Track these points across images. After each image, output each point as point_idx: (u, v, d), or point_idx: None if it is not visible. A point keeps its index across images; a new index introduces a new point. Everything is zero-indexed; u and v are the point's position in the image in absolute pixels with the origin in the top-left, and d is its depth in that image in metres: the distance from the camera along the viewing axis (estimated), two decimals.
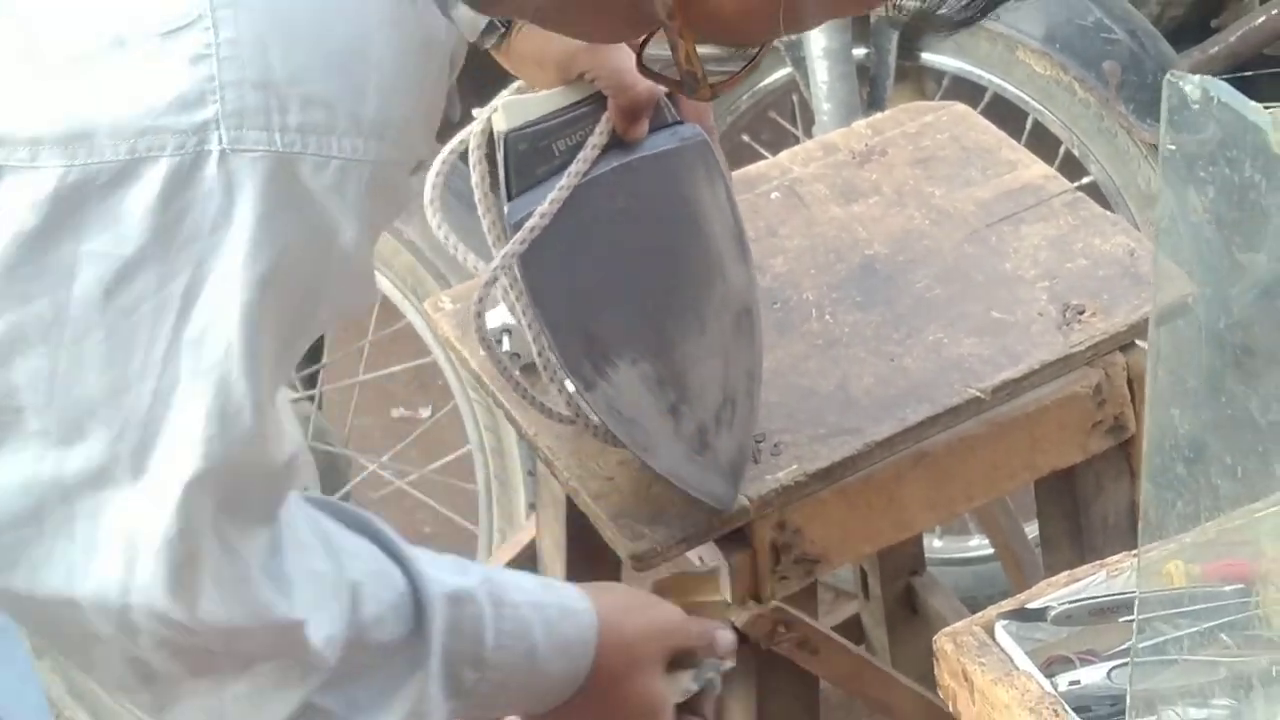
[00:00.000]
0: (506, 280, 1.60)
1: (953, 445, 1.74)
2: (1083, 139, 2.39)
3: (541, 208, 1.53)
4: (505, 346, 1.72)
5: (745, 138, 2.78)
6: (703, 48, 1.24)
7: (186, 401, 1.14)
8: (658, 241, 1.60)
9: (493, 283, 1.59)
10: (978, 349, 1.76)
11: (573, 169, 1.53)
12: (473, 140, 1.58)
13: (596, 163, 1.55)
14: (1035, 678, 1.35)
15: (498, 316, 1.74)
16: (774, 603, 1.73)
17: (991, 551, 2.50)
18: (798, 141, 2.37)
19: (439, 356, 2.36)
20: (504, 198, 1.54)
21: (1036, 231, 1.88)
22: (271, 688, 1.26)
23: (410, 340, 2.49)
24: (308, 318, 1.20)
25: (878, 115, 2.07)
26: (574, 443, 1.72)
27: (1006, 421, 1.76)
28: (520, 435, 1.80)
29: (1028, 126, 2.42)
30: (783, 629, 1.75)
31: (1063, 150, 2.42)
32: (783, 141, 2.70)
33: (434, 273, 2.26)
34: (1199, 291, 1.07)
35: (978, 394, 1.73)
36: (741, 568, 1.70)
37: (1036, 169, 1.95)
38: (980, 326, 1.78)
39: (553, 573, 1.93)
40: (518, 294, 1.61)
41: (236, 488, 1.19)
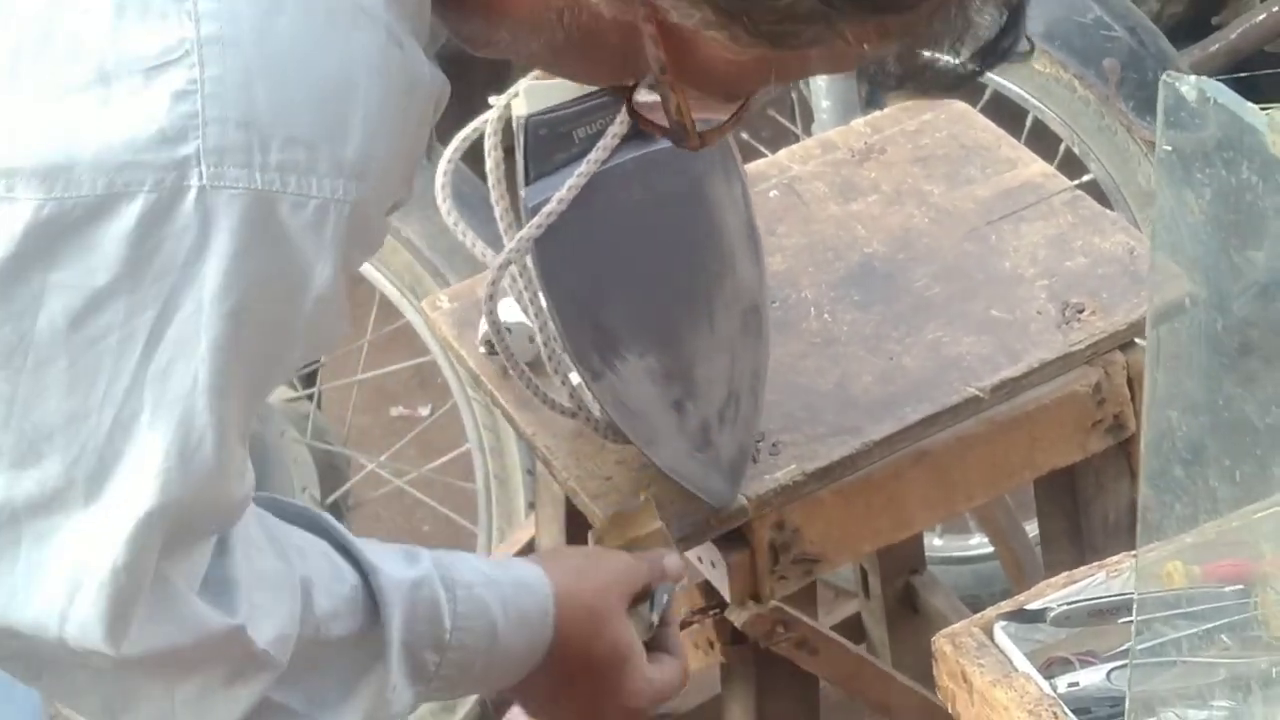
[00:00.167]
0: (516, 269, 1.60)
1: (952, 444, 1.74)
2: (1082, 137, 2.38)
3: (559, 193, 1.53)
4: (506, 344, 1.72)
5: (745, 135, 2.78)
6: None
7: (148, 433, 1.14)
8: (672, 234, 1.60)
9: (507, 265, 1.59)
10: (977, 348, 1.76)
11: (592, 156, 1.53)
12: (489, 127, 1.57)
13: (615, 152, 1.54)
14: (1034, 679, 1.35)
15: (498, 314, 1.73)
16: (773, 603, 1.73)
17: (991, 550, 2.50)
18: (797, 139, 2.36)
19: (437, 355, 2.36)
20: (521, 182, 1.54)
21: (1036, 230, 1.87)
22: (220, 687, 1.26)
23: (409, 339, 2.48)
24: (277, 355, 1.20)
25: (877, 113, 2.07)
26: (572, 442, 1.71)
27: (1006, 420, 1.75)
28: (518, 434, 1.80)
29: (1027, 124, 2.41)
30: (782, 629, 1.75)
31: (1062, 148, 2.42)
32: (782, 139, 2.70)
33: (432, 271, 2.26)
34: (1196, 293, 1.07)
35: (977, 393, 1.72)
36: (740, 567, 1.70)
37: (1036, 167, 1.95)
38: (979, 325, 1.78)
39: None
40: (526, 282, 1.61)
41: (188, 522, 1.19)
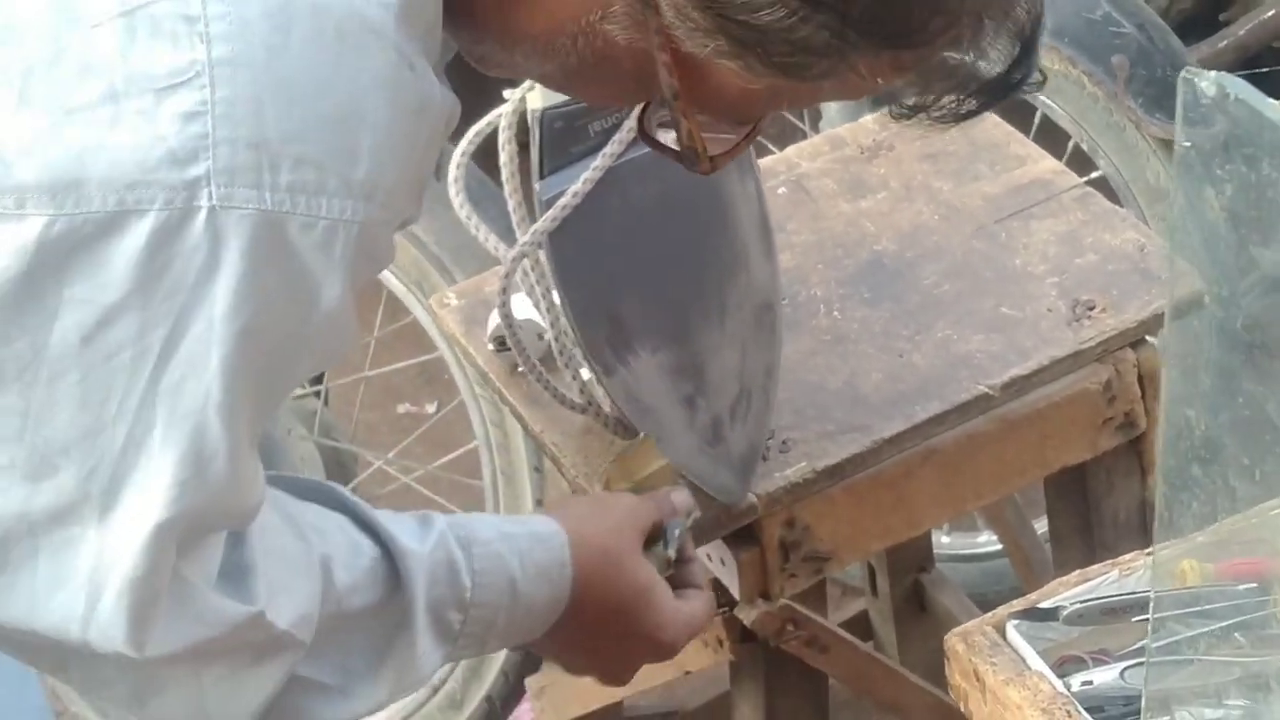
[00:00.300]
0: (528, 263, 1.59)
1: (962, 442, 1.74)
2: (1091, 133, 2.37)
3: (575, 186, 1.52)
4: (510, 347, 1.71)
5: None
6: None
7: (161, 448, 1.15)
8: (686, 230, 1.60)
9: (521, 258, 1.58)
10: (987, 345, 1.76)
11: (608, 150, 1.53)
12: (503, 120, 1.57)
13: (631, 146, 1.54)
14: (1048, 678, 1.34)
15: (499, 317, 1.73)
16: (782, 601, 1.72)
17: (1000, 548, 2.49)
18: (805, 136, 2.36)
19: (445, 352, 2.35)
20: (535, 175, 1.54)
21: (1046, 227, 1.87)
22: (246, 669, 1.26)
23: (416, 336, 2.48)
24: (287, 371, 1.21)
25: (885, 110, 2.06)
26: (581, 439, 1.71)
27: (1016, 418, 1.75)
28: (526, 431, 1.80)
29: (1036, 121, 2.40)
30: (791, 627, 1.75)
31: (1071, 145, 2.41)
32: (790, 136, 2.69)
33: (439, 267, 2.25)
34: (1214, 291, 1.06)
35: (987, 390, 1.72)
36: (750, 565, 1.70)
37: (1046, 164, 1.94)
38: (989, 323, 1.78)
39: None
40: (538, 276, 1.60)
41: (200, 530, 1.20)
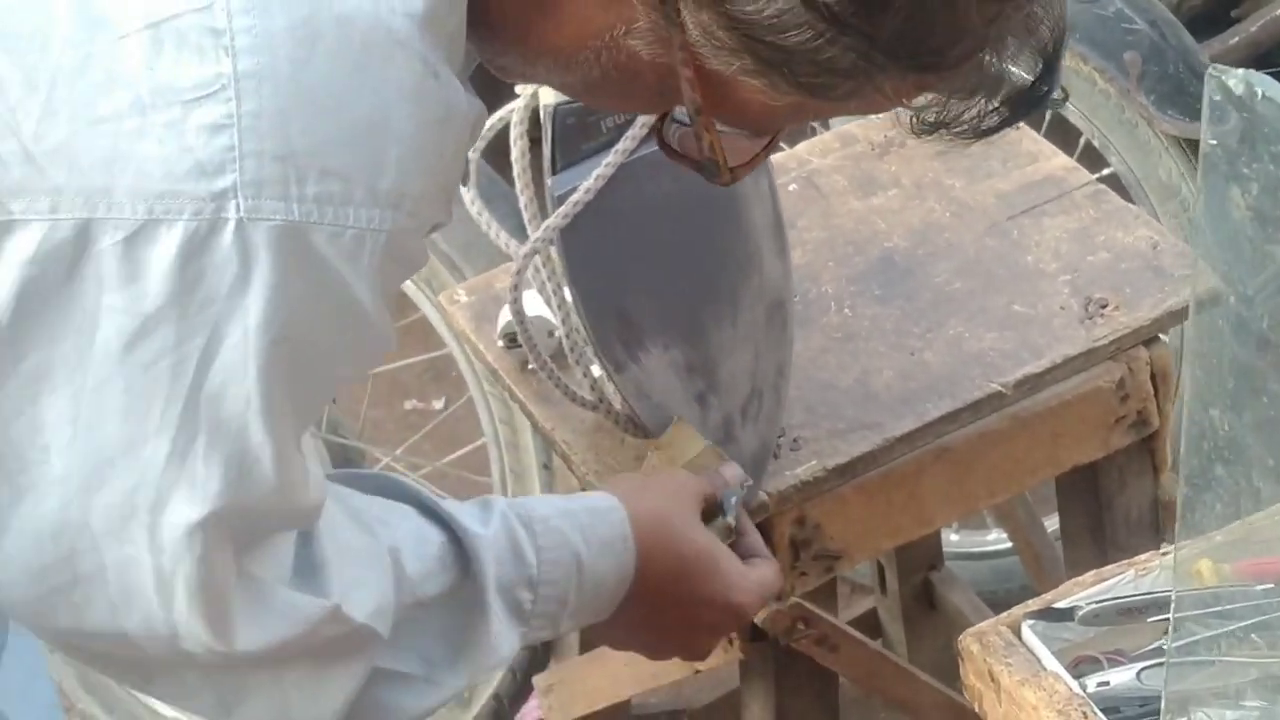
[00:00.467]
0: (539, 259, 1.59)
1: (974, 440, 1.73)
2: (1103, 130, 2.37)
3: (587, 182, 1.52)
4: (521, 343, 1.71)
5: None
6: None
7: (205, 453, 1.16)
8: (698, 227, 1.59)
9: (533, 254, 1.58)
10: (999, 343, 1.75)
11: (620, 146, 1.53)
12: (515, 116, 1.56)
13: (643, 142, 1.54)
14: (1063, 678, 1.34)
15: (509, 314, 1.72)
16: (793, 599, 1.72)
17: (1009, 546, 2.49)
18: (814, 133, 2.35)
19: (453, 349, 2.35)
20: (547, 171, 1.53)
21: (1058, 224, 1.86)
22: (327, 666, 1.27)
23: (423, 332, 2.47)
24: (324, 376, 1.22)
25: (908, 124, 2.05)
26: (591, 436, 1.70)
27: (1028, 416, 1.74)
28: (536, 429, 1.79)
29: (1047, 117, 2.40)
30: (802, 626, 1.74)
31: (1082, 141, 2.41)
32: (799, 133, 2.68)
33: (448, 265, 2.25)
34: (1237, 289, 1.05)
35: (999, 388, 1.71)
36: None
37: (1058, 161, 1.94)
38: (1001, 320, 1.77)
39: None
40: (549, 273, 1.60)
41: (258, 531, 1.21)
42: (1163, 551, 1.40)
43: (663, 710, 2.24)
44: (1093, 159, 2.31)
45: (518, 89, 1.55)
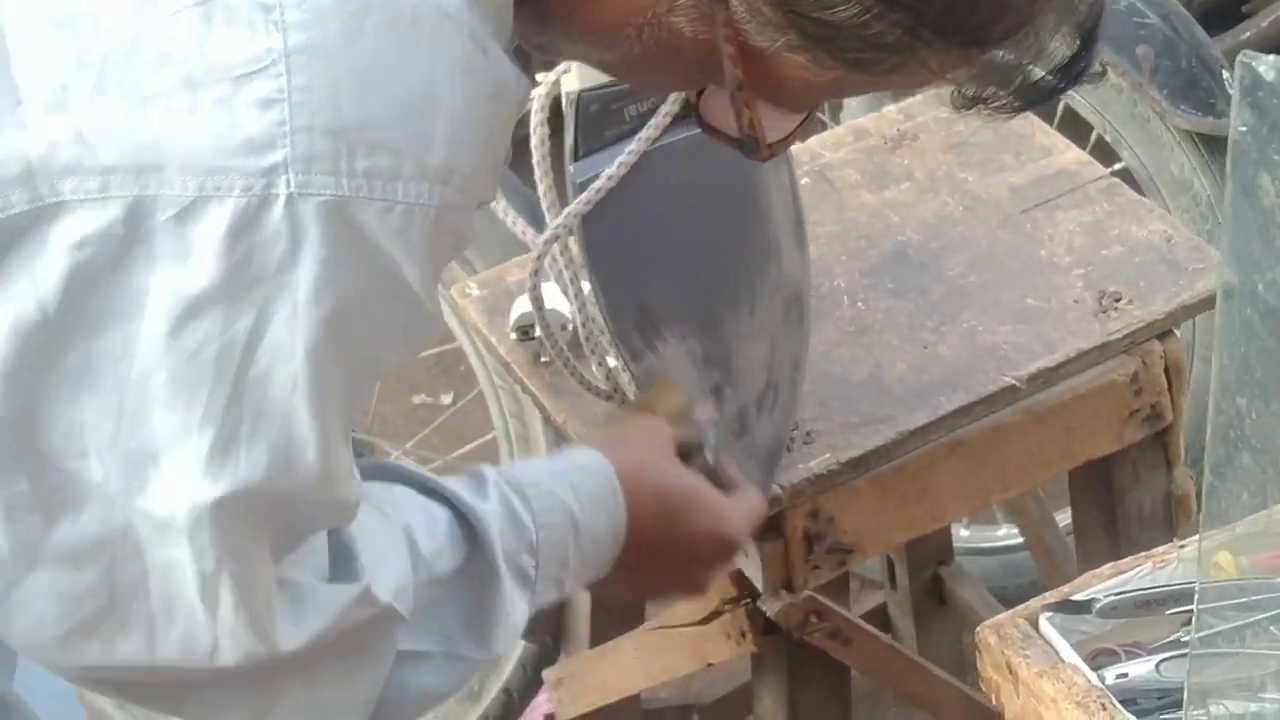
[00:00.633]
0: (557, 248, 1.59)
1: (987, 434, 1.73)
2: (1115, 124, 2.36)
3: (610, 169, 1.52)
4: (536, 334, 1.70)
5: None
6: None
7: (248, 442, 1.15)
8: (718, 217, 1.59)
9: (553, 241, 1.58)
10: (1013, 337, 1.75)
11: (643, 134, 1.53)
12: (535, 104, 1.56)
13: (666, 131, 1.54)
14: (1082, 670, 1.33)
15: (523, 305, 1.72)
16: (806, 592, 1.71)
17: (1019, 541, 2.48)
18: (825, 127, 2.35)
19: (463, 342, 2.34)
20: (569, 158, 1.53)
21: (1071, 218, 1.86)
22: (357, 652, 1.27)
23: None
24: (373, 357, 1.21)
25: (909, 100, 2.05)
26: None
27: (1042, 410, 1.74)
28: (548, 421, 1.79)
29: (1059, 112, 2.40)
30: (815, 619, 1.74)
31: (1094, 136, 2.40)
32: (811, 127, 2.67)
33: (459, 258, 2.24)
34: (1266, 277, 1.05)
35: (1013, 382, 1.71)
36: (774, 557, 1.69)
37: (1071, 154, 1.93)
38: (1015, 314, 1.77)
39: None
40: (566, 262, 1.60)
41: (298, 529, 1.20)
42: (1180, 544, 1.40)
43: (672, 705, 2.24)
44: (1104, 153, 2.30)
45: (539, 76, 1.55)
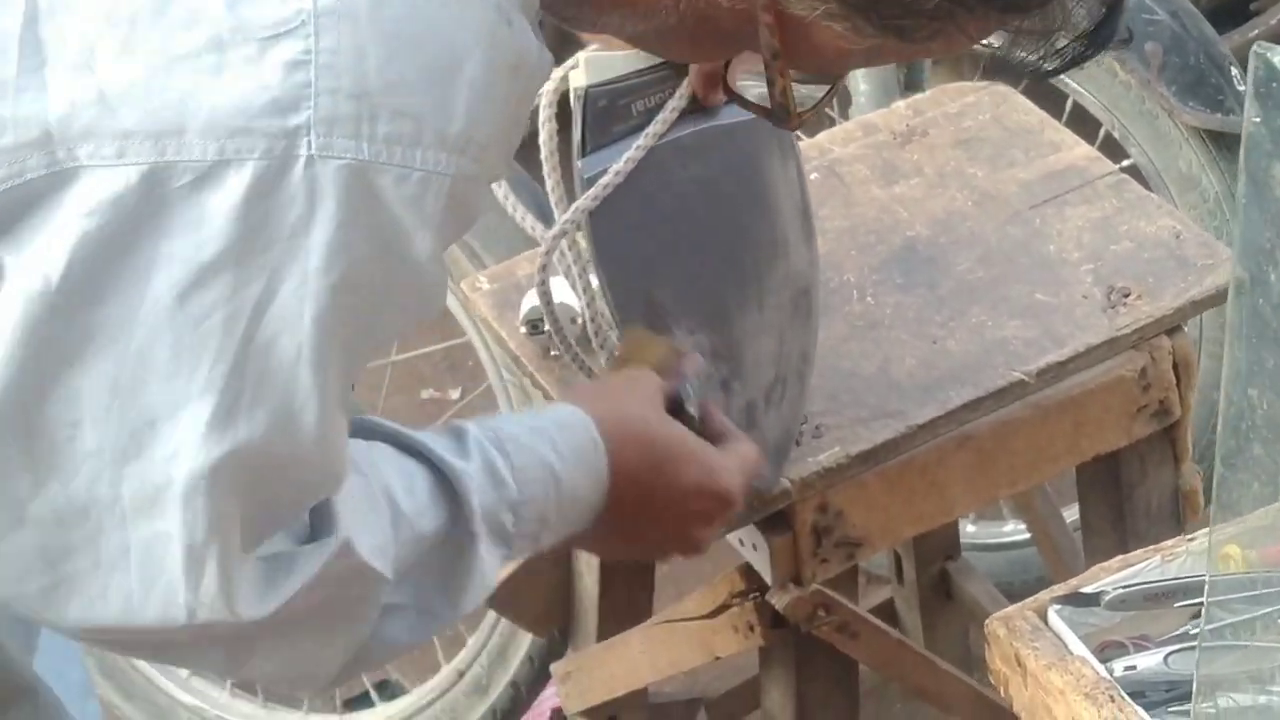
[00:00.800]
0: (565, 243, 1.59)
1: (996, 428, 1.73)
2: (1123, 121, 2.36)
3: (617, 165, 1.52)
4: (546, 328, 1.71)
5: None
6: None
7: (248, 411, 1.14)
8: (726, 212, 1.59)
9: (561, 236, 1.58)
10: (1021, 332, 1.75)
11: (650, 129, 1.53)
12: (544, 99, 1.57)
13: (673, 126, 1.54)
14: (1090, 662, 1.34)
15: (534, 299, 1.72)
16: (814, 586, 1.72)
17: (1026, 537, 2.49)
18: (833, 123, 2.35)
19: (472, 337, 2.35)
20: (577, 153, 1.54)
21: (1080, 214, 1.86)
22: (336, 608, 1.26)
23: (440, 321, 2.47)
24: (377, 327, 1.21)
25: (918, 96, 2.06)
26: None
27: (1050, 405, 1.74)
28: None
29: (1067, 108, 2.40)
30: (823, 612, 1.74)
31: (1102, 132, 2.40)
32: (818, 123, 2.68)
33: (469, 253, 2.24)
34: (1276, 268, 1.05)
35: (1022, 377, 1.71)
36: (782, 550, 1.69)
37: (1080, 150, 1.94)
38: (1024, 309, 1.77)
39: (588, 555, 1.92)
40: (575, 256, 1.60)
41: (292, 496, 1.20)
42: (1189, 537, 1.40)
43: (679, 699, 2.25)
44: (1113, 150, 2.30)
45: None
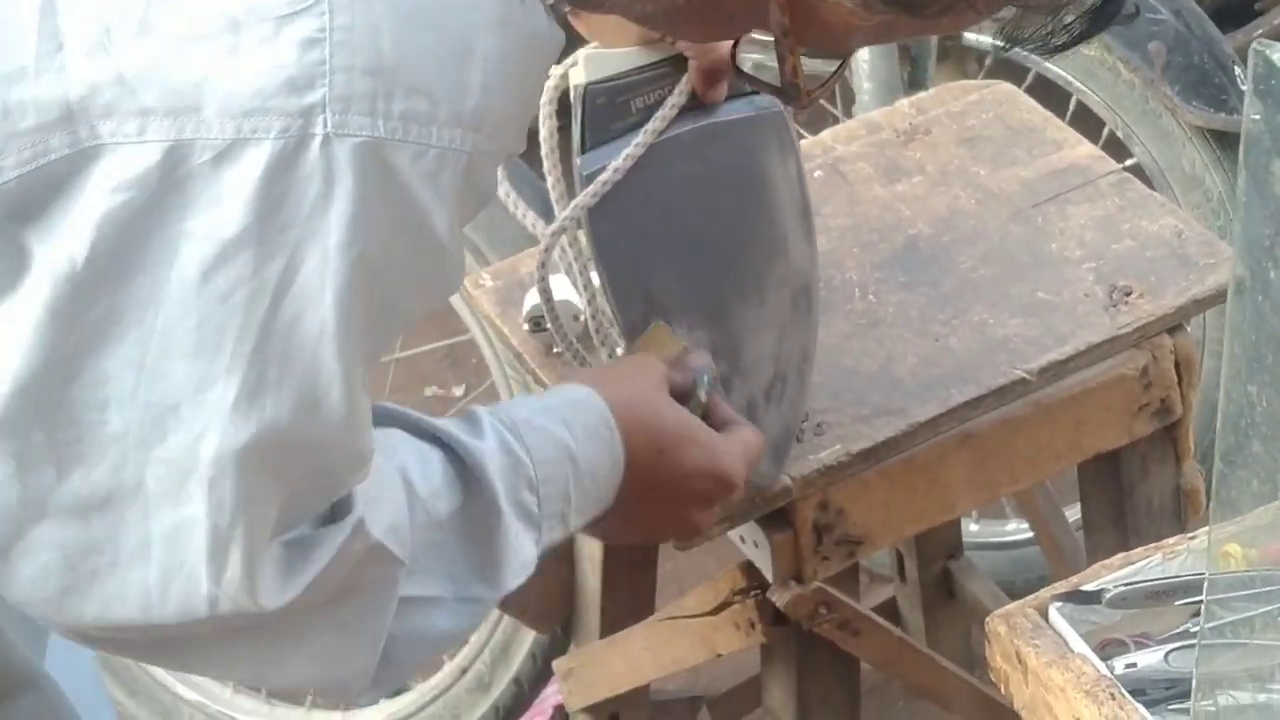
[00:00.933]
0: (566, 240, 1.59)
1: (997, 426, 1.73)
2: (1126, 120, 2.37)
3: (616, 162, 1.52)
4: (547, 326, 1.71)
5: None
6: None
7: (274, 390, 1.14)
8: (725, 208, 1.59)
9: (561, 233, 1.58)
10: (1023, 330, 1.75)
11: (649, 126, 1.53)
12: (544, 95, 1.57)
13: (673, 123, 1.54)
14: (1091, 660, 1.34)
15: (534, 298, 1.72)
16: (815, 583, 1.72)
17: (1028, 536, 2.49)
18: (837, 121, 2.35)
19: (476, 334, 2.35)
20: (576, 150, 1.54)
21: (1083, 212, 1.86)
22: (354, 596, 1.25)
23: (443, 318, 2.47)
24: (398, 306, 1.20)
25: (922, 94, 2.05)
26: None
27: (1052, 403, 1.75)
28: None
29: (1070, 107, 2.39)
30: (824, 610, 1.74)
31: (1106, 132, 2.40)
32: (821, 121, 2.68)
33: (472, 250, 2.25)
34: (1276, 265, 1.05)
35: (1023, 375, 1.71)
36: (783, 548, 1.69)
37: (1083, 149, 1.94)
38: (1026, 307, 1.77)
39: (590, 552, 1.92)
40: (575, 254, 1.60)
41: (322, 479, 1.20)
42: (1190, 535, 1.40)
43: (681, 696, 2.25)
44: (1116, 149, 2.31)
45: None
